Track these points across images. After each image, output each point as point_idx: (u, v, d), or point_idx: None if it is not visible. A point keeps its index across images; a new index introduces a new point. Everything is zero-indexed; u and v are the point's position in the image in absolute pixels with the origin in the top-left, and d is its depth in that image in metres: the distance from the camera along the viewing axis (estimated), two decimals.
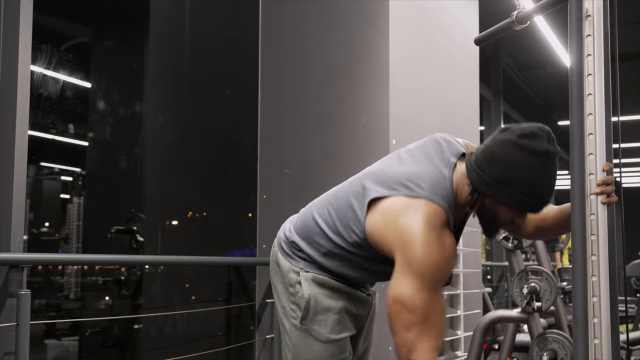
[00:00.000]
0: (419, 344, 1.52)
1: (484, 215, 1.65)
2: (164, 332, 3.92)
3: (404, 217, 1.57)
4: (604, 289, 1.47)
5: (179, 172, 4.07)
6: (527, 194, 1.56)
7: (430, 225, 1.55)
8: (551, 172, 1.57)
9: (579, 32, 1.51)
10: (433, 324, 1.53)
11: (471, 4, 4.23)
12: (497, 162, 1.56)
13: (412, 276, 1.53)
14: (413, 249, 1.53)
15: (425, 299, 1.52)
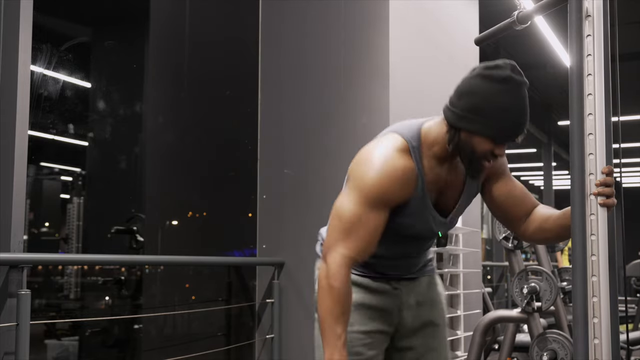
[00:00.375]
0: (336, 248, 1.62)
1: (463, 151, 1.67)
2: (164, 332, 3.91)
3: (365, 148, 1.71)
4: (604, 289, 1.47)
5: (179, 172, 4.07)
6: (497, 119, 1.61)
7: (384, 150, 1.66)
8: (519, 99, 1.62)
9: (579, 32, 1.51)
10: (356, 237, 1.62)
11: (471, 4, 4.23)
12: (466, 94, 1.65)
13: (352, 189, 1.65)
14: (361, 167, 1.66)
15: (356, 212, 1.63)
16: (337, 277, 1.62)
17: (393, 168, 1.65)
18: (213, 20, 4.12)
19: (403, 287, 1.86)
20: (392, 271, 1.85)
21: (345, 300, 1.63)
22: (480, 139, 1.64)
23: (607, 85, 1.51)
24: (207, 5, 4.13)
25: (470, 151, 1.66)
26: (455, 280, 3.57)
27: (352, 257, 1.64)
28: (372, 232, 1.65)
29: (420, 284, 1.90)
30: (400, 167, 1.65)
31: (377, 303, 1.82)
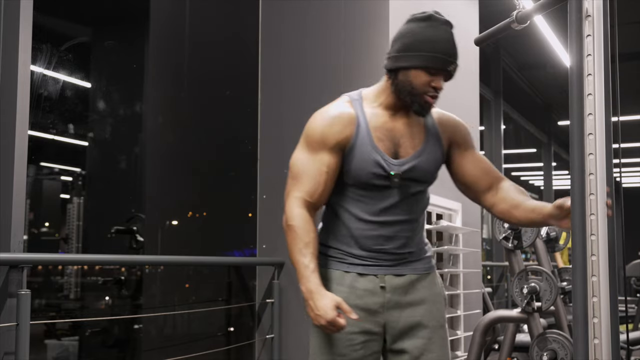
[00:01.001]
0: (289, 195, 1.82)
1: (404, 90, 1.81)
2: (164, 332, 3.91)
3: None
4: (604, 289, 1.46)
5: (179, 172, 4.07)
6: (425, 49, 1.76)
7: (324, 107, 1.87)
8: (443, 32, 1.79)
9: (579, 32, 1.51)
10: (305, 179, 1.80)
11: (471, 4, 4.23)
12: (397, 39, 1.82)
13: (299, 144, 1.86)
14: (307, 125, 1.86)
15: (301, 158, 1.83)
16: (292, 216, 1.79)
17: (328, 113, 1.84)
18: (213, 20, 4.12)
19: (389, 285, 1.85)
20: (377, 244, 1.84)
21: (305, 234, 1.77)
22: (416, 73, 1.79)
23: (607, 85, 1.51)
24: (207, 5, 4.13)
25: (409, 88, 1.80)
26: (455, 280, 3.57)
27: (303, 197, 1.80)
28: (319, 173, 1.81)
29: (411, 283, 1.87)
30: (336, 112, 1.84)
31: (361, 303, 1.82)
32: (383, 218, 1.84)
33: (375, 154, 1.81)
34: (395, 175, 1.81)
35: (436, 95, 1.84)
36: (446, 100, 3.74)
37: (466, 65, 4.17)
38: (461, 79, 4.03)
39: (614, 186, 1.51)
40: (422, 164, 1.86)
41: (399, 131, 1.85)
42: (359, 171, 1.81)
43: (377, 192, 1.83)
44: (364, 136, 1.82)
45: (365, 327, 1.82)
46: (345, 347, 1.80)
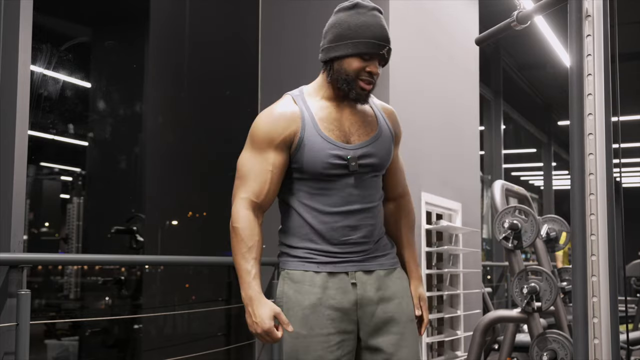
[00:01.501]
0: (235, 198, 1.86)
1: (340, 79, 1.83)
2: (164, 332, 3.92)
3: None
4: (604, 289, 1.46)
5: (179, 172, 4.07)
6: (355, 36, 1.80)
7: (266, 110, 1.88)
8: (371, 17, 1.82)
9: (579, 32, 1.51)
10: (251, 180, 1.83)
11: (471, 4, 4.23)
12: (327, 31, 1.87)
13: (245, 145, 1.87)
14: (252, 126, 1.87)
15: (247, 159, 1.84)
16: (237, 218, 1.83)
17: (272, 112, 1.85)
18: (213, 20, 4.12)
19: (360, 281, 1.85)
20: (344, 235, 1.84)
21: (249, 237, 1.80)
22: (349, 60, 1.82)
23: (607, 85, 1.51)
24: (207, 5, 4.14)
25: (345, 76, 1.82)
26: (455, 280, 3.57)
27: (250, 198, 1.82)
28: (265, 172, 1.82)
29: (381, 278, 1.88)
30: (279, 110, 1.85)
31: (334, 302, 1.81)
32: (345, 208, 1.84)
33: (327, 143, 1.82)
34: (352, 159, 1.82)
35: (371, 81, 1.85)
36: (446, 101, 3.75)
37: (466, 65, 4.18)
38: (461, 79, 4.04)
39: (613, 186, 1.51)
40: (377, 149, 1.88)
41: (347, 120, 1.87)
42: (313, 163, 1.81)
43: (335, 183, 1.83)
44: (311, 129, 1.83)
45: (340, 327, 1.81)
46: (322, 349, 1.78)
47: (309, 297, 1.81)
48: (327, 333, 1.79)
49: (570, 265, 1.66)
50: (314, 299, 1.80)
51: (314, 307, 1.80)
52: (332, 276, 1.83)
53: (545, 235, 3.11)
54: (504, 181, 3.03)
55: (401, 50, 3.23)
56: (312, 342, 1.78)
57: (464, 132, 4.01)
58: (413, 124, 3.30)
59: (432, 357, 3.36)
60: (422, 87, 3.45)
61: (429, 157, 3.46)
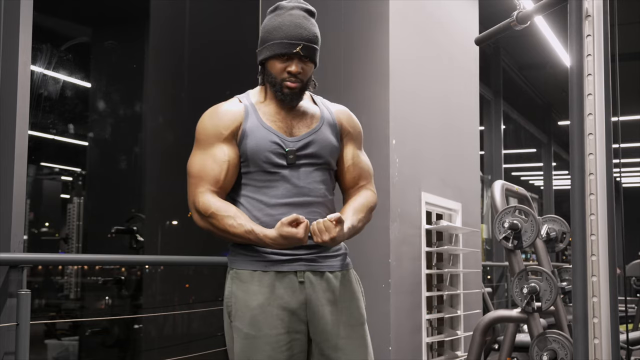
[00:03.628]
0: (195, 196, 1.83)
1: (270, 81, 1.88)
2: (164, 332, 3.91)
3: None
4: (604, 289, 1.46)
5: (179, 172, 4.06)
6: (272, 38, 1.85)
7: (210, 109, 1.90)
8: (288, 17, 1.86)
9: (579, 32, 1.51)
10: (206, 175, 1.81)
11: (471, 4, 4.23)
12: (259, 35, 1.90)
13: (194, 146, 1.87)
14: (197, 126, 1.89)
15: (198, 157, 1.84)
16: (207, 206, 1.80)
17: (216, 109, 1.88)
18: (213, 20, 4.12)
19: (309, 281, 1.82)
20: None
21: (226, 209, 1.79)
22: (272, 62, 1.86)
23: (607, 85, 1.50)
24: (207, 6, 4.13)
25: (272, 78, 1.86)
26: (455, 280, 3.57)
27: (209, 188, 1.82)
28: (219, 163, 1.82)
29: (330, 281, 1.85)
30: (223, 107, 1.88)
31: (282, 302, 1.79)
32: (290, 200, 1.83)
33: (270, 133, 1.85)
34: (290, 151, 1.84)
35: (295, 80, 1.86)
36: (446, 101, 3.75)
37: (466, 65, 4.18)
38: (461, 79, 4.04)
39: (613, 186, 1.51)
40: (317, 141, 1.89)
41: (290, 116, 1.90)
42: (257, 153, 1.83)
43: (278, 174, 1.84)
44: (254, 121, 1.86)
45: (290, 327, 1.79)
46: (271, 350, 1.76)
47: (257, 297, 1.79)
48: (276, 333, 1.77)
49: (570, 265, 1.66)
50: (262, 299, 1.79)
51: (263, 307, 1.78)
52: (280, 275, 1.81)
53: (545, 235, 3.11)
54: (504, 181, 3.03)
55: (401, 51, 3.23)
56: (262, 342, 1.76)
57: (464, 132, 4.01)
58: (413, 124, 3.30)
59: (432, 357, 3.36)
60: (422, 87, 3.45)
61: (429, 157, 3.46)
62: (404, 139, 3.17)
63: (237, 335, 1.80)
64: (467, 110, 4.08)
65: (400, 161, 3.11)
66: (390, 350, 2.90)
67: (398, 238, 3.03)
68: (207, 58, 4.12)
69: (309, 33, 1.86)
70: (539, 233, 2.92)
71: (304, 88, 1.89)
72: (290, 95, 1.87)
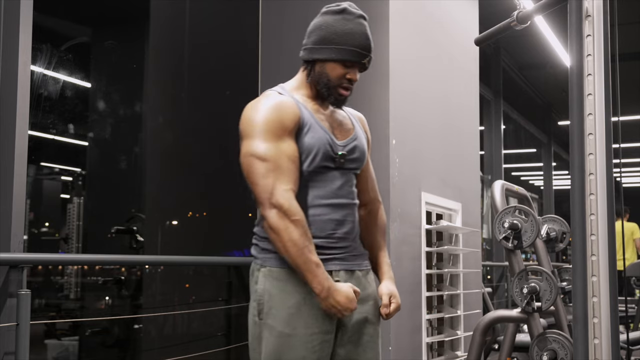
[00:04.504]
0: (276, 189, 1.73)
1: (320, 82, 1.86)
2: (164, 332, 3.92)
3: (244, 111, 1.87)
4: (604, 289, 1.46)
5: (179, 172, 4.07)
6: (341, 43, 1.82)
7: (258, 101, 1.84)
8: (357, 25, 1.85)
9: (579, 32, 1.51)
10: (284, 169, 1.75)
11: (471, 4, 4.23)
12: (313, 31, 1.87)
13: (254, 136, 1.77)
14: (248, 119, 1.81)
15: (270, 147, 1.75)
16: (293, 210, 1.72)
17: (273, 101, 1.82)
18: (213, 20, 4.12)
19: (343, 280, 1.85)
20: (331, 229, 1.84)
21: (307, 229, 1.74)
22: (332, 65, 1.84)
23: (607, 85, 1.51)
24: (207, 6, 4.13)
25: (326, 80, 1.85)
26: (455, 280, 3.57)
27: (292, 188, 1.75)
28: (292, 161, 1.78)
29: (359, 279, 1.89)
30: (277, 99, 1.83)
31: (318, 302, 1.79)
32: (333, 201, 1.85)
33: (324, 133, 1.84)
34: (342, 155, 1.85)
35: (350, 87, 1.88)
36: (446, 101, 3.75)
37: (466, 65, 4.18)
38: (461, 79, 4.04)
39: (613, 186, 1.51)
40: (359, 147, 1.92)
41: (332, 118, 1.91)
42: (312, 154, 1.82)
43: (323, 175, 1.85)
44: (309, 118, 1.84)
45: (323, 327, 1.80)
46: (304, 350, 1.77)
47: (294, 296, 1.78)
48: (311, 333, 1.78)
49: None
50: (299, 298, 1.78)
51: (299, 306, 1.78)
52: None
53: (545, 235, 3.11)
54: (504, 181, 3.03)
55: (401, 50, 3.23)
56: (296, 341, 1.77)
57: (464, 132, 4.01)
58: (413, 124, 3.30)
59: (432, 357, 3.36)
60: (422, 87, 3.45)
61: (429, 157, 3.46)
62: (404, 139, 3.17)
63: (268, 333, 1.79)
64: (467, 110, 4.08)
65: (400, 161, 3.11)
66: (390, 350, 2.90)
67: (398, 238, 3.03)
68: (207, 58, 4.12)
69: (372, 46, 1.88)
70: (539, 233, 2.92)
71: (349, 96, 1.92)
72: (342, 100, 1.89)
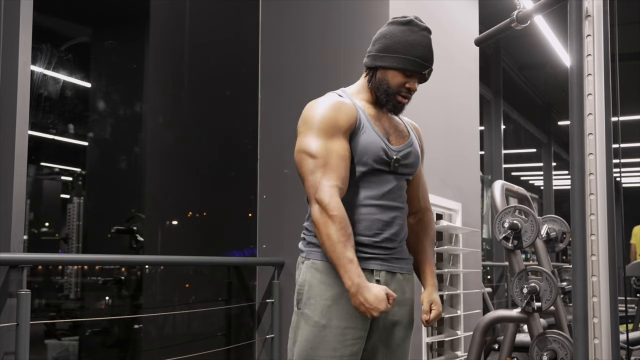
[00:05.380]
0: (321, 185, 1.77)
1: (380, 88, 1.92)
2: (164, 332, 3.91)
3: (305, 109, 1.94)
4: (604, 289, 1.47)
5: (179, 172, 4.07)
6: (404, 52, 1.89)
7: (318, 100, 1.90)
8: (421, 37, 1.92)
9: (579, 32, 1.51)
10: (332, 166, 1.79)
11: (471, 4, 4.23)
12: (378, 40, 1.94)
13: (308, 132, 1.84)
14: (306, 116, 1.87)
15: (321, 145, 1.81)
16: (332, 206, 1.75)
17: (331, 101, 1.88)
18: (213, 20, 4.12)
19: (384, 280, 1.88)
20: (378, 229, 1.87)
21: (347, 225, 1.75)
22: (393, 73, 1.90)
23: (607, 85, 1.51)
24: (207, 5, 4.13)
25: (386, 87, 1.91)
26: (455, 280, 3.57)
27: (338, 185, 1.79)
28: (343, 158, 1.82)
29: (400, 282, 1.92)
30: (336, 99, 1.89)
31: None
32: (382, 202, 1.89)
33: (378, 137, 1.89)
34: (397, 160, 1.89)
35: (409, 97, 1.95)
36: (446, 101, 3.75)
37: (466, 65, 4.18)
38: (461, 79, 4.04)
39: (613, 186, 1.51)
40: (413, 154, 1.97)
41: (387, 123, 1.96)
42: (365, 155, 1.86)
43: (376, 177, 1.89)
44: (365, 122, 1.89)
45: (358, 324, 1.83)
46: (337, 342, 1.80)
47: (332, 288, 1.81)
48: (345, 326, 1.81)
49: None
50: (338, 290, 1.81)
51: (337, 299, 1.81)
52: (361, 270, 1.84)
53: (545, 235, 3.11)
54: (504, 181, 3.03)
55: None
56: (330, 333, 1.80)
57: (464, 132, 4.01)
58: None
59: (432, 357, 3.36)
60: (422, 87, 3.44)
61: (429, 157, 3.45)
62: None
63: (305, 322, 1.84)
64: (467, 110, 4.08)
65: None
66: None
67: None
68: (207, 58, 4.12)
69: (434, 59, 1.94)
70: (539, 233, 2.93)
71: (407, 104, 1.98)
72: (400, 108, 1.96)
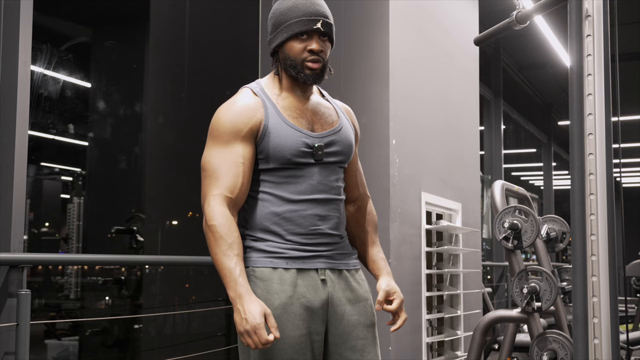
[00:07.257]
0: (207, 196, 1.77)
1: (287, 65, 1.81)
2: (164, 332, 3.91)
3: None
4: (604, 289, 1.46)
5: (179, 172, 4.07)
6: (288, 18, 1.79)
7: (223, 106, 1.81)
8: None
9: (579, 32, 1.51)
10: (221, 176, 1.75)
11: (471, 4, 4.23)
12: (268, 25, 1.86)
13: (208, 143, 1.81)
14: (211, 124, 1.81)
15: (214, 155, 1.77)
16: (212, 215, 1.73)
17: (233, 104, 1.79)
18: (213, 21, 4.12)
19: (330, 279, 1.79)
20: (313, 224, 1.78)
21: (228, 234, 1.70)
22: (289, 45, 1.79)
23: (607, 85, 1.51)
24: (207, 6, 4.13)
25: (290, 61, 1.80)
26: (455, 280, 3.57)
27: (223, 194, 1.74)
28: (236, 165, 1.75)
29: (347, 279, 1.83)
30: (240, 102, 1.80)
31: (305, 301, 1.74)
32: (313, 196, 1.79)
33: (294, 130, 1.78)
34: (319, 147, 1.78)
35: (317, 59, 1.79)
36: (446, 101, 3.75)
37: (466, 65, 4.18)
38: (461, 79, 4.04)
39: (613, 186, 1.51)
40: (342, 139, 1.86)
41: (309, 110, 1.84)
42: (280, 151, 1.77)
43: (301, 170, 1.79)
44: (275, 117, 1.78)
45: (311, 328, 1.74)
46: (293, 352, 1.71)
47: (279, 296, 1.72)
48: (299, 334, 1.72)
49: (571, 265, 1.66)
50: (285, 297, 1.72)
51: (285, 307, 1.72)
52: (302, 273, 1.76)
53: (545, 235, 3.11)
54: (504, 181, 3.03)
55: (401, 50, 3.23)
56: (284, 344, 1.70)
57: (464, 132, 4.01)
58: (413, 124, 3.30)
59: (432, 357, 3.36)
60: (422, 87, 3.45)
61: (429, 157, 3.46)
62: (404, 139, 3.17)
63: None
64: (467, 110, 4.08)
65: (400, 161, 3.11)
66: (390, 350, 2.90)
67: (398, 238, 3.03)
68: (207, 58, 4.12)
69: (325, 9, 1.82)
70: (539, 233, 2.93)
71: (324, 68, 1.83)
72: (312, 76, 1.80)
